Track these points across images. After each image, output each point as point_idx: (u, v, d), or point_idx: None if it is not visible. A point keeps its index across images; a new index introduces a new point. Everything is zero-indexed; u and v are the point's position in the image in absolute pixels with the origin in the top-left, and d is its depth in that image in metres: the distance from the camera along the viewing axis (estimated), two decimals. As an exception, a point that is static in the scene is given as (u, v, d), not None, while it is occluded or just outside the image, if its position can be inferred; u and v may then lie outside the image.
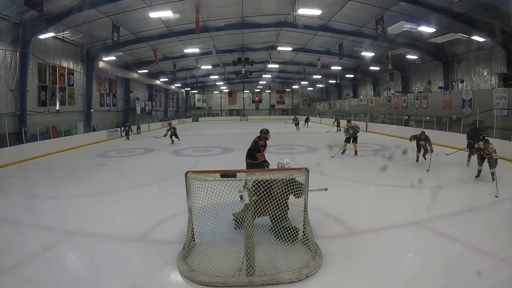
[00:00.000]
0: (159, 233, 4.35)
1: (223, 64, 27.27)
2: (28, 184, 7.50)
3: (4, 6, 11.22)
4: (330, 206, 5.16)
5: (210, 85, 42.94)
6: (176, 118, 37.78)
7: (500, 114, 12.59)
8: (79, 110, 18.32)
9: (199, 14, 14.46)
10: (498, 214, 4.95)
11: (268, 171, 3.81)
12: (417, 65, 20.83)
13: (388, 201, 5.48)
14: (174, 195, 4.94)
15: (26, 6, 10.63)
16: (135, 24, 16.09)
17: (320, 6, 12.75)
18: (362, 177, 7.37)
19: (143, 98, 29.24)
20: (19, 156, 10.67)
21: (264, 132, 6.13)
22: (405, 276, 3.22)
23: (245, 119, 42.72)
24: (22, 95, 13.06)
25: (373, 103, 25.46)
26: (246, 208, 3.12)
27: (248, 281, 3.03)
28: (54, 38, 14.30)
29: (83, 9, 12.62)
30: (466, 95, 15.22)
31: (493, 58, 15.27)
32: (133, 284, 3.10)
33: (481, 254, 3.52)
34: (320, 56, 24.16)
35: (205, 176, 3.46)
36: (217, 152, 11.88)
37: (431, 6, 12.54)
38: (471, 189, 6.23)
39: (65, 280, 3.18)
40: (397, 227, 4.33)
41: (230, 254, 3.28)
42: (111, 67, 21.20)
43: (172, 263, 3.42)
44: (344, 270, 3.29)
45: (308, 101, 45.05)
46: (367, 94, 29.66)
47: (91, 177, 8.01)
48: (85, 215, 5.10)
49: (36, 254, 3.69)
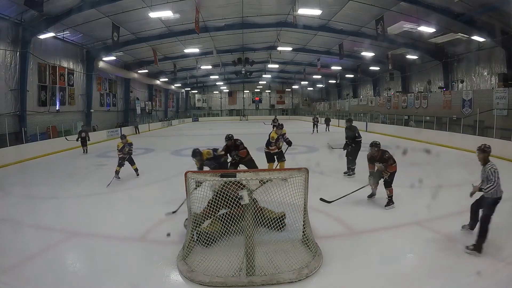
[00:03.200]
0: (159, 233, 4.34)
1: (223, 64, 27.29)
2: (28, 184, 7.50)
3: (4, 6, 11.23)
4: (330, 206, 5.17)
5: (210, 85, 42.96)
6: (176, 118, 37.80)
7: (500, 114, 12.58)
8: (79, 110, 18.33)
9: (199, 14, 14.46)
10: (498, 214, 4.94)
11: (267, 171, 3.81)
12: (417, 65, 20.83)
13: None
14: (174, 195, 4.94)
15: (26, 6, 10.63)
16: (135, 24, 16.09)
17: (320, 6, 12.75)
18: (362, 177, 7.36)
19: (143, 98, 29.26)
20: (19, 156, 10.67)
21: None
22: (405, 276, 3.21)
23: (245, 119, 42.72)
24: (22, 95, 13.07)
25: (373, 103, 25.46)
26: (246, 208, 3.12)
27: (248, 281, 3.02)
28: (54, 38, 14.30)
29: (83, 9, 12.63)
30: (466, 95, 15.22)
31: (493, 58, 15.27)
32: (133, 284, 3.10)
33: (481, 254, 3.52)
34: (320, 56, 24.16)
35: (205, 176, 3.46)
36: (217, 152, 11.87)
37: (431, 6, 12.54)
38: (471, 189, 6.21)
39: (65, 280, 3.18)
40: (397, 227, 4.33)
41: (230, 254, 3.28)
42: (111, 67, 21.20)
43: (172, 263, 3.42)
44: (344, 270, 3.28)
45: (308, 101, 45.08)
46: (367, 94, 29.66)
47: (91, 177, 8.01)
48: (85, 215, 5.10)
49: (36, 254, 3.69)
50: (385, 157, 4.96)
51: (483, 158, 3.67)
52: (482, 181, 3.64)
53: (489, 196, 3.55)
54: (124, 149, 7.51)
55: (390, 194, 5.05)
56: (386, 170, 4.97)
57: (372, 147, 5.11)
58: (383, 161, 4.96)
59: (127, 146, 7.61)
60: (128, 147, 7.62)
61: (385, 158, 4.95)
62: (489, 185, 3.50)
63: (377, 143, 5.14)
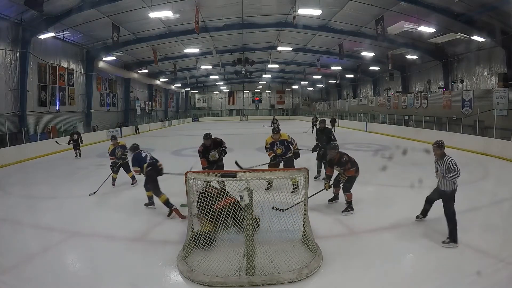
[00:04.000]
0: (159, 233, 4.35)
1: (223, 64, 27.28)
2: (28, 184, 7.50)
3: (4, 6, 11.23)
4: (330, 206, 5.17)
5: (210, 85, 42.97)
6: (176, 118, 37.81)
7: (500, 114, 12.57)
8: (79, 110, 18.34)
9: (199, 14, 14.46)
10: (498, 214, 4.95)
11: (267, 171, 3.80)
12: (417, 65, 20.83)
13: (388, 201, 5.48)
14: (174, 195, 4.94)
15: (26, 6, 10.64)
16: (135, 24, 16.10)
17: (320, 6, 12.76)
18: (362, 177, 7.35)
19: (143, 98, 29.27)
20: (19, 156, 10.67)
21: (203, 136, 5.58)
22: (405, 276, 3.21)
23: (245, 119, 42.73)
24: (22, 95, 13.08)
25: (373, 103, 25.46)
26: (246, 208, 3.12)
27: (248, 281, 3.02)
28: (54, 38, 14.31)
29: (83, 9, 12.63)
30: (466, 95, 15.22)
31: (493, 58, 15.27)
32: (133, 284, 3.10)
33: (481, 254, 3.52)
34: (320, 56, 24.17)
35: (205, 176, 3.47)
36: (217, 152, 11.87)
37: (431, 6, 12.55)
38: (470, 189, 6.21)
39: (65, 280, 3.18)
40: (397, 227, 4.33)
41: (230, 254, 3.28)
42: (111, 67, 21.21)
43: (172, 263, 3.42)
44: (344, 270, 3.28)
45: (308, 101, 45.08)
46: (367, 94, 29.66)
47: (91, 177, 7.99)
48: (85, 215, 5.10)
49: (36, 254, 3.69)
50: (342, 160, 4.73)
51: (440, 153, 3.88)
52: (437, 173, 3.94)
53: (447, 189, 3.81)
54: (116, 152, 6.69)
55: (348, 199, 4.82)
56: (344, 174, 4.83)
57: (331, 150, 4.88)
58: (341, 165, 4.78)
59: (119, 149, 6.75)
60: (120, 150, 6.75)
61: (342, 162, 4.74)
62: (452, 174, 3.71)
63: (335, 146, 4.98)
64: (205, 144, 5.56)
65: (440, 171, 3.83)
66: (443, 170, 3.77)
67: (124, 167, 6.88)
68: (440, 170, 3.81)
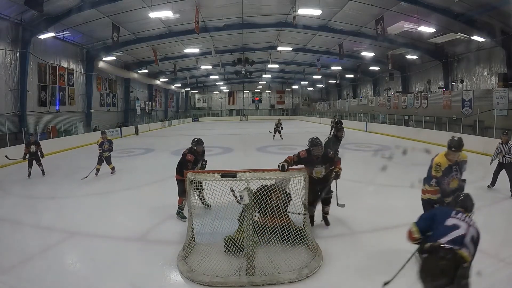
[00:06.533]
0: (159, 233, 4.35)
1: (223, 64, 27.28)
2: (28, 184, 7.50)
3: (4, 6, 11.24)
4: (330, 206, 5.16)
5: (210, 85, 42.97)
6: (176, 118, 37.79)
7: (500, 114, 12.58)
8: (79, 110, 18.33)
9: (199, 14, 14.47)
10: (498, 214, 4.95)
11: (267, 171, 3.79)
12: (417, 65, 20.84)
13: (388, 201, 5.48)
14: (174, 195, 4.94)
15: (26, 6, 10.64)
16: (135, 24, 16.10)
17: (320, 6, 12.77)
18: (362, 177, 7.37)
19: (143, 98, 29.26)
20: (19, 156, 10.63)
21: (195, 142, 4.82)
22: (405, 276, 3.21)
23: (245, 119, 42.74)
24: (22, 95, 13.08)
25: (373, 103, 25.45)
26: (246, 208, 3.12)
27: (248, 281, 3.02)
28: (54, 38, 14.30)
29: (83, 9, 12.64)
30: (466, 95, 15.22)
31: (493, 58, 15.27)
32: (133, 284, 3.10)
33: (481, 254, 3.50)
34: (320, 56, 24.17)
35: (205, 176, 3.46)
36: (217, 152, 11.87)
37: (431, 6, 12.55)
38: (470, 189, 6.19)
39: (65, 280, 3.18)
40: (397, 227, 4.32)
41: (230, 254, 3.27)
42: (111, 67, 21.21)
43: (172, 263, 3.42)
44: (344, 270, 3.28)
45: (308, 101, 45.09)
46: (367, 94, 29.66)
47: (91, 177, 7.99)
48: (85, 215, 5.10)
49: (36, 254, 3.69)
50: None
51: (507, 139, 5.70)
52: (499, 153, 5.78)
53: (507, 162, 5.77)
54: (103, 145, 7.84)
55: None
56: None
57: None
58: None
59: (106, 143, 7.89)
60: (107, 144, 7.91)
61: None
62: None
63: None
64: (196, 152, 4.79)
65: (503, 152, 5.67)
66: (507, 151, 5.62)
67: (106, 159, 7.97)
68: (505, 151, 5.65)
